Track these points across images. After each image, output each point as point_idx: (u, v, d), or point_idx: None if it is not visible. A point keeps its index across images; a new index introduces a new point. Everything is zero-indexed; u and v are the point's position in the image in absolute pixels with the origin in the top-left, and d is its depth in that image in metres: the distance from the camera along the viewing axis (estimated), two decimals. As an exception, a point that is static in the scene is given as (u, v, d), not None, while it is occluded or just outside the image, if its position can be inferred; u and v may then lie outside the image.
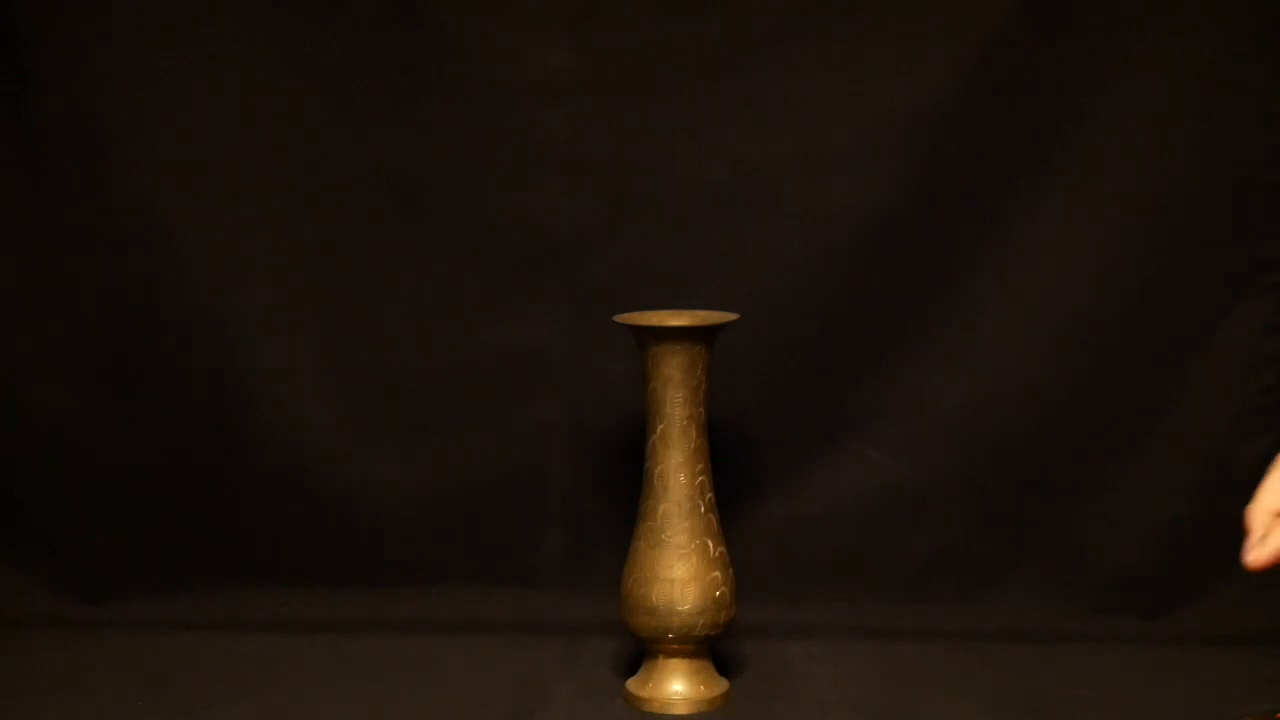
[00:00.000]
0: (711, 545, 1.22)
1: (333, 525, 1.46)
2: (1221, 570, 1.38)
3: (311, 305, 1.44)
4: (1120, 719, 1.19)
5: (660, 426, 1.21)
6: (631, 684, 1.24)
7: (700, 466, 1.22)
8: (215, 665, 1.31)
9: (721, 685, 1.24)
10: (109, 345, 1.45)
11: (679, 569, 1.20)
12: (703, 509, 1.22)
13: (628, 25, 1.40)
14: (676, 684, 1.22)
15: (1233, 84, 1.37)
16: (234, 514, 1.46)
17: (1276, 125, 1.38)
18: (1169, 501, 1.41)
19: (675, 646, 1.22)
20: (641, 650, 1.25)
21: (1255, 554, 1.00)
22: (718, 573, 1.21)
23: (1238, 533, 1.42)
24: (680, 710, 1.22)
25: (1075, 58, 1.37)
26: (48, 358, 1.45)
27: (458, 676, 1.29)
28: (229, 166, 1.42)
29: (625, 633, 1.25)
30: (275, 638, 1.37)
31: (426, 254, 1.43)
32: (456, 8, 1.40)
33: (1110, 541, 1.42)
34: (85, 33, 1.40)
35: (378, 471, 1.45)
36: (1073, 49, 1.37)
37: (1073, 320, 1.41)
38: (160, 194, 1.42)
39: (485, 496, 1.45)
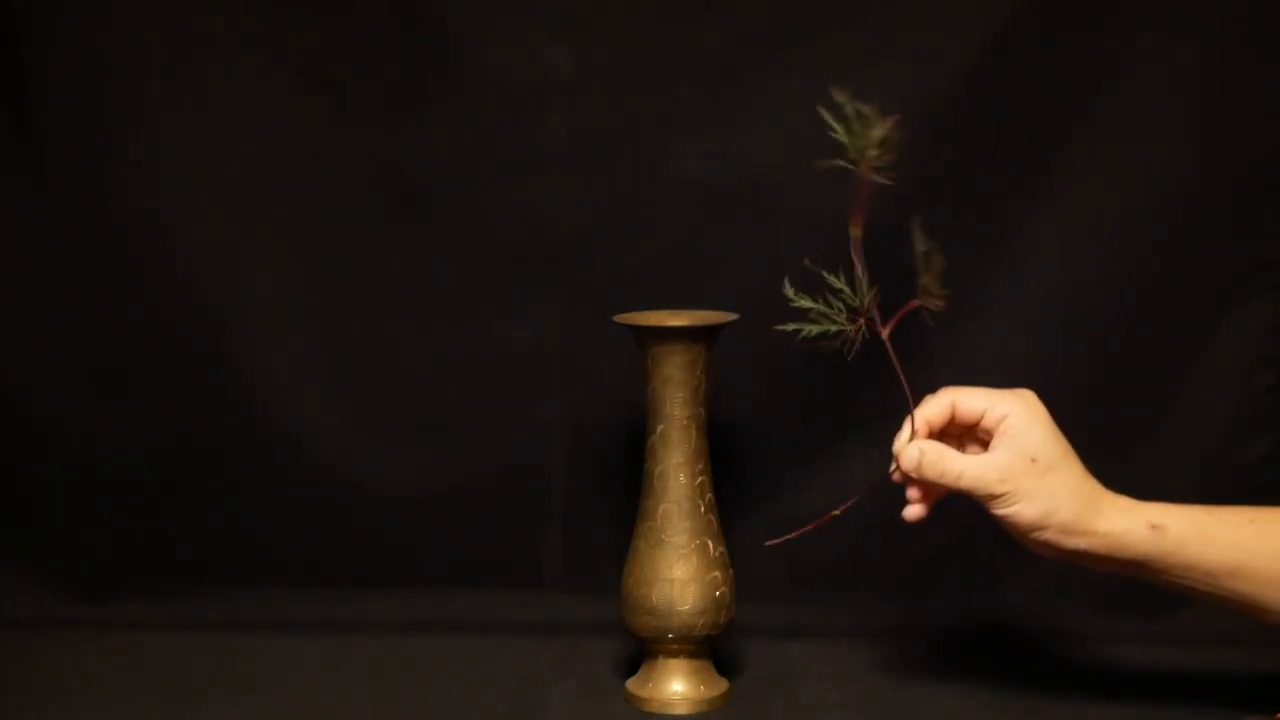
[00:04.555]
0: (711, 545, 1.22)
1: (333, 525, 1.46)
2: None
3: (312, 305, 1.44)
4: (1120, 718, 1.19)
5: (660, 426, 1.21)
6: (631, 684, 1.24)
7: (700, 466, 1.22)
8: (215, 665, 1.31)
9: (721, 685, 1.24)
10: (109, 345, 1.45)
11: (679, 569, 1.20)
12: (703, 509, 1.22)
13: (628, 25, 1.40)
14: (676, 684, 1.22)
15: (1233, 84, 1.37)
16: (234, 514, 1.46)
17: (1276, 125, 1.38)
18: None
19: (675, 646, 1.22)
20: (641, 650, 1.25)
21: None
22: (718, 573, 1.21)
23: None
24: (680, 710, 1.22)
25: (1075, 58, 1.37)
26: (48, 358, 1.45)
27: (458, 676, 1.29)
28: (229, 166, 1.43)
29: (625, 633, 1.25)
30: (275, 638, 1.37)
31: (426, 254, 1.43)
32: (456, 8, 1.40)
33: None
34: (85, 33, 1.40)
35: (378, 471, 1.45)
36: (1073, 49, 1.37)
37: (1072, 320, 1.41)
38: (160, 194, 1.42)
39: (485, 496, 1.45)
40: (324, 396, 1.44)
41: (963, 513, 1.43)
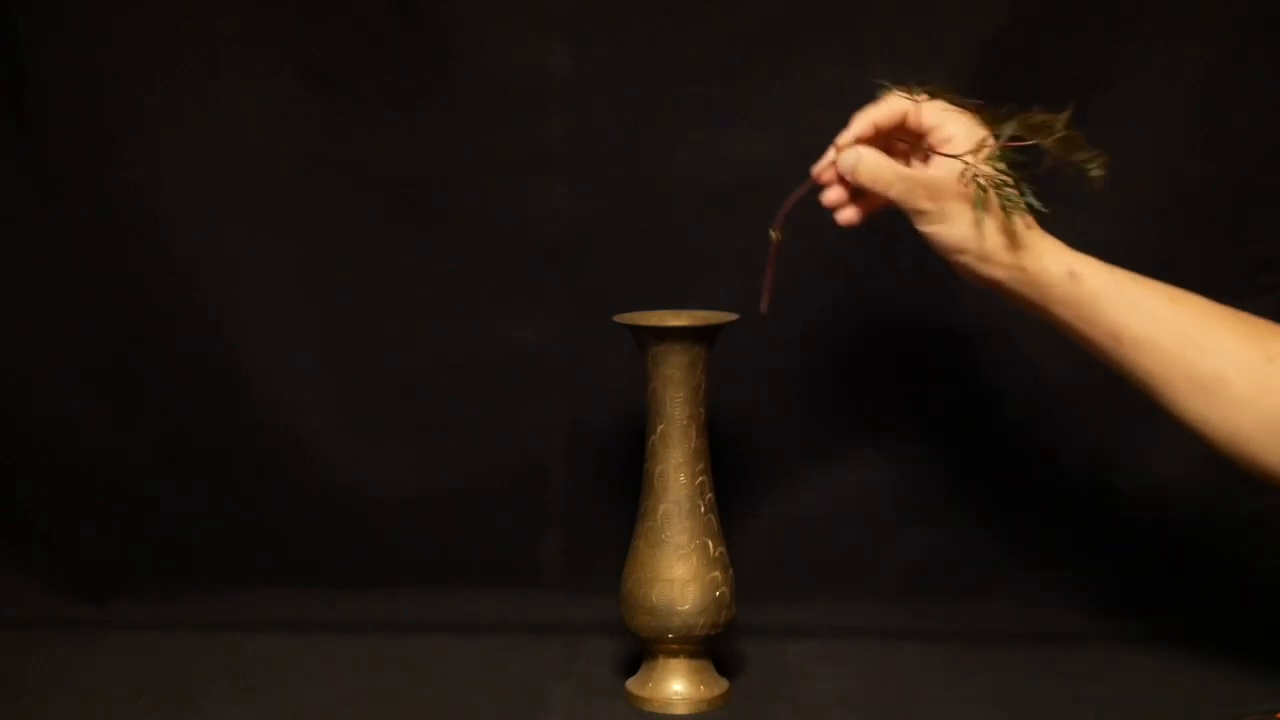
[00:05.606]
0: (711, 545, 1.22)
1: (333, 525, 1.45)
2: (1222, 570, 1.38)
3: (311, 305, 1.44)
4: (1120, 719, 1.19)
5: (660, 426, 1.21)
6: (631, 684, 1.24)
7: (700, 466, 1.22)
8: (215, 665, 1.31)
9: (721, 685, 1.24)
10: (109, 345, 1.45)
11: (679, 569, 1.20)
12: (703, 509, 1.22)
13: (628, 26, 1.40)
14: (676, 684, 1.22)
15: (1233, 84, 1.37)
16: (234, 514, 1.46)
17: (1277, 125, 1.38)
18: (1169, 501, 1.41)
19: (675, 646, 1.22)
20: (641, 650, 1.25)
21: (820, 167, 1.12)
22: (718, 573, 1.21)
23: (1238, 532, 1.43)
24: (680, 710, 1.22)
25: (1076, 58, 1.37)
26: (48, 357, 1.45)
27: (458, 676, 1.29)
28: (229, 166, 1.42)
29: (625, 633, 1.25)
30: (275, 638, 1.37)
31: (426, 254, 1.43)
32: (456, 7, 1.40)
33: (1110, 541, 1.42)
34: (85, 33, 1.40)
35: (378, 471, 1.45)
36: (1073, 49, 1.37)
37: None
38: (160, 194, 1.42)
39: (485, 496, 1.45)
40: (324, 396, 1.44)
41: (961, 513, 1.44)
